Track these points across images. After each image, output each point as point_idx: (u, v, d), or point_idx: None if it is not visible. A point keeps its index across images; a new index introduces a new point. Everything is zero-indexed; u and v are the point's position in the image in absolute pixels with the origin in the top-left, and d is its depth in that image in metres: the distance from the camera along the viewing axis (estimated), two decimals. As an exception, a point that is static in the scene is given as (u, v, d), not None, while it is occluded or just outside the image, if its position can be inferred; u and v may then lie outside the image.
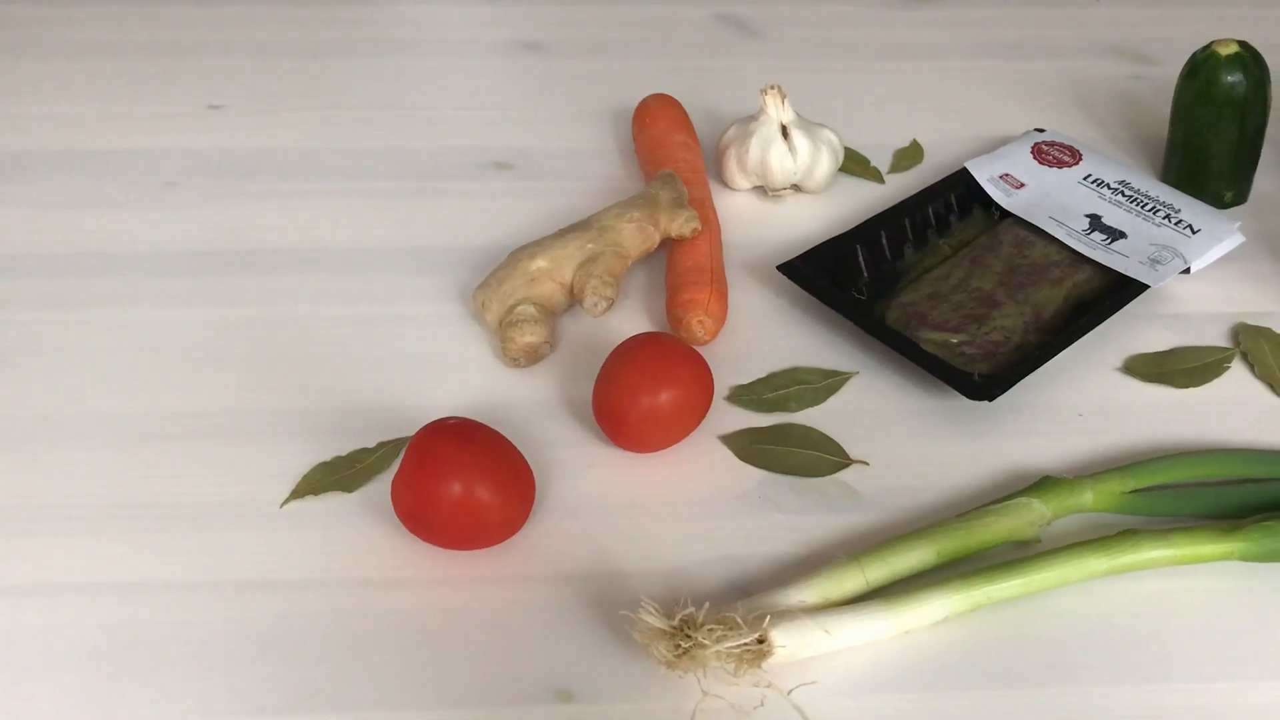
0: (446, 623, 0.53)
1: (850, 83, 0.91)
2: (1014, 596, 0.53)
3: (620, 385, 0.58)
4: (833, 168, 0.77)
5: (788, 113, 0.76)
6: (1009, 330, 0.67)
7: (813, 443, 0.61)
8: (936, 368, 0.63)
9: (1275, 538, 0.54)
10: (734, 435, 0.62)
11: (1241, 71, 0.73)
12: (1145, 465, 0.58)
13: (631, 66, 0.92)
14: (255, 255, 0.73)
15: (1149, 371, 0.66)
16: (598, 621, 0.53)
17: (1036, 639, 0.53)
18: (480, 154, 0.82)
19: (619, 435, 0.59)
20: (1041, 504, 0.56)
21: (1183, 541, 0.54)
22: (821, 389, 0.65)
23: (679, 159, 0.75)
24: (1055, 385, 0.66)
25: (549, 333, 0.64)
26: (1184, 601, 0.55)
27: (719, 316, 0.66)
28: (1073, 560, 0.53)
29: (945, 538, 0.54)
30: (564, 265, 0.65)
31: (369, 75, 0.89)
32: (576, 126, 0.85)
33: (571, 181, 0.80)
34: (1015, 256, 0.72)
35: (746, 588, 0.55)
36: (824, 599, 0.52)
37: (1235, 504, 0.57)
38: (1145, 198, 0.75)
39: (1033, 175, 0.77)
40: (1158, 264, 0.70)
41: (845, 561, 0.53)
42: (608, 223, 0.67)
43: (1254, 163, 0.78)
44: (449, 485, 0.52)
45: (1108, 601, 0.54)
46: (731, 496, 0.59)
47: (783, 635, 0.49)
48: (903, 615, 0.52)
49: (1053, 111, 0.88)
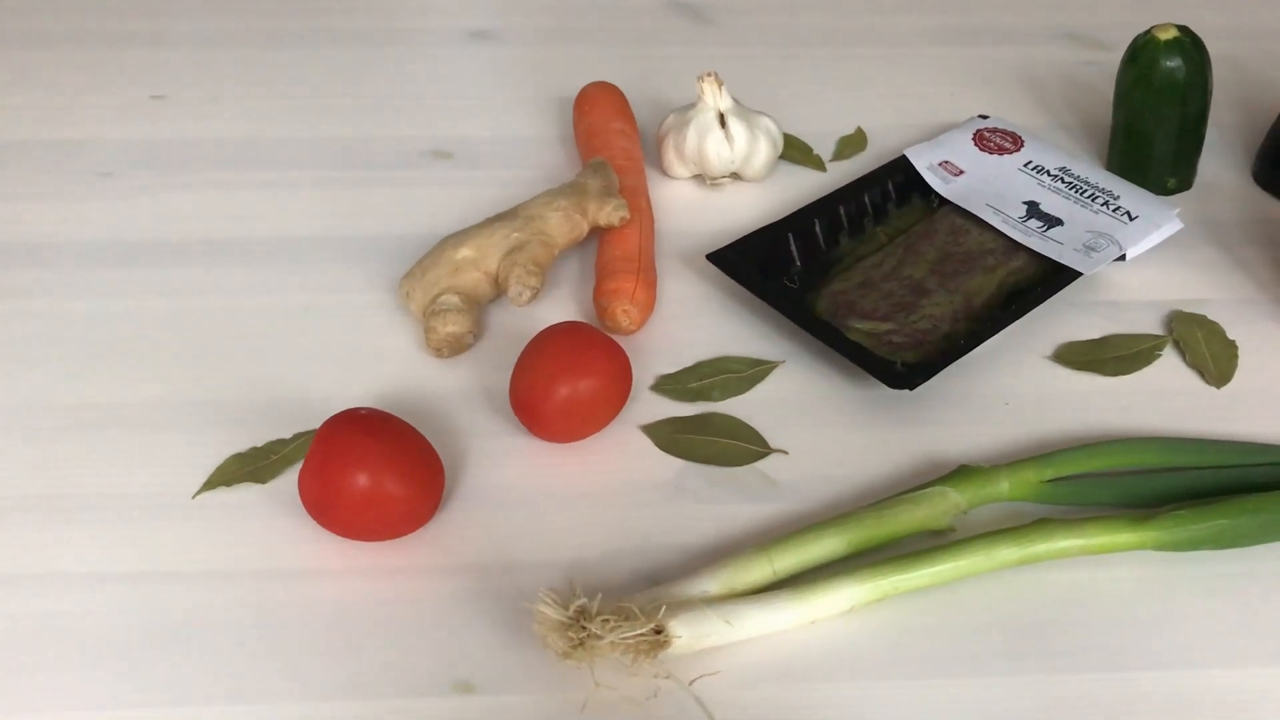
0: (350, 614, 0.53)
1: (800, 70, 0.90)
2: (923, 586, 0.53)
3: (535, 375, 0.57)
4: (771, 156, 0.77)
5: (725, 100, 0.75)
6: (937, 319, 0.66)
7: (733, 432, 0.61)
8: (859, 356, 0.62)
9: (1188, 527, 0.53)
10: (655, 425, 0.62)
11: (1181, 56, 0.73)
12: (1062, 454, 0.57)
13: (582, 54, 0.92)
14: (187, 246, 0.73)
15: (1079, 359, 0.66)
16: (502, 612, 0.53)
17: (946, 629, 0.53)
18: (420, 143, 0.81)
19: (535, 425, 0.58)
20: (956, 493, 0.55)
21: (1095, 531, 0.53)
22: (747, 378, 0.64)
23: (615, 147, 0.74)
24: (983, 374, 0.65)
25: (473, 323, 0.64)
26: (1097, 591, 0.54)
27: (645, 305, 0.65)
28: (983, 550, 0.53)
29: (856, 527, 0.54)
30: (489, 254, 0.65)
31: (314, 64, 0.89)
32: (521, 115, 0.85)
33: (511, 170, 0.79)
34: (950, 244, 0.71)
35: (656, 578, 0.54)
36: (729, 589, 0.52)
37: (1153, 493, 0.56)
38: (1085, 184, 0.74)
39: (973, 162, 0.76)
40: (1093, 251, 0.69)
41: (752, 551, 0.53)
42: (534, 211, 0.66)
43: (1197, 148, 0.77)
44: (353, 477, 0.52)
45: (1020, 591, 0.54)
46: (648, 486, 0.59)
47: (680, 626, 0.48)
48: (808, 605, 0.51)
49: (1002, 98, 0.87)
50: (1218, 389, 0.64)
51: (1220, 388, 0.64)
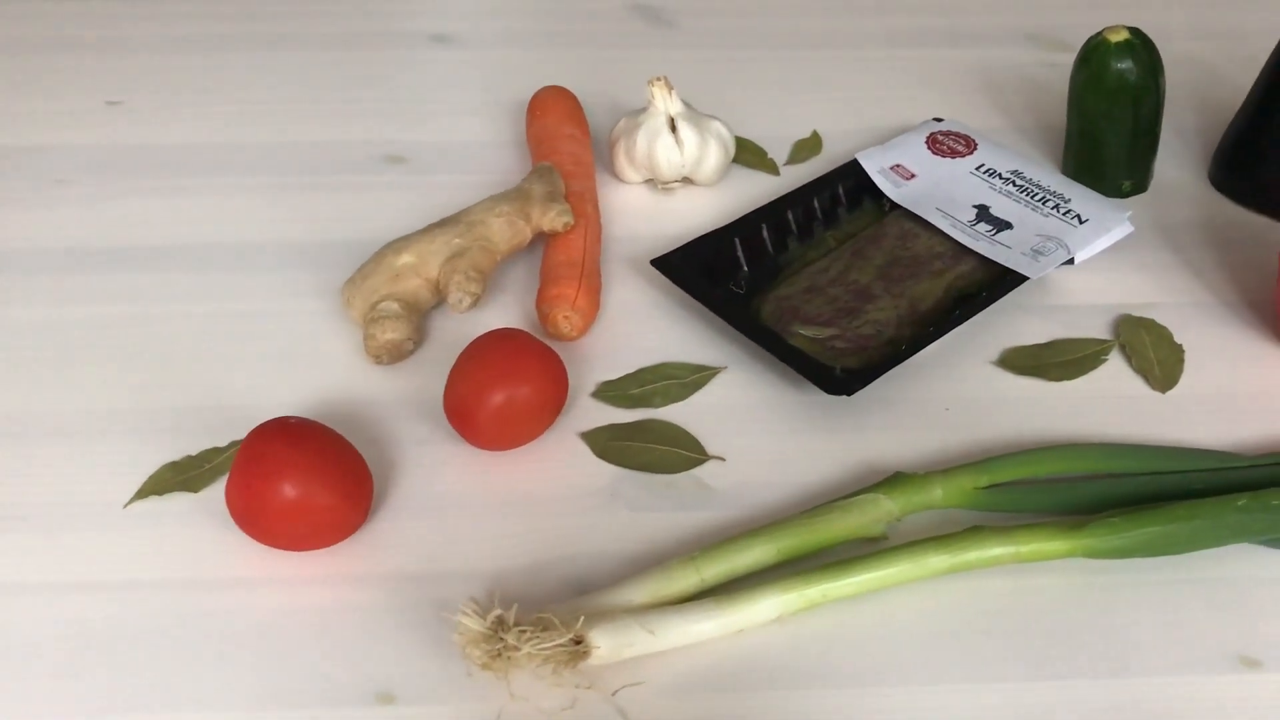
0: (275, 624, 0.52)
1: (760, 72, 0.90)
2: (852, 595, 0.52)
3: (468, 383, 0.57)
4: (722, 160, 0.76)
5: (676, 105, 0.75)
6: (881, 324, 0.66)
7: (670, 438, 0.61)
8: (797, 363, 0.62)
9: (1120, 535, 0.53)
10: (594, 432, 0.61)
11: (1131, 58, 0.72)
12: (998, 461, 0.57)
13: (543, 58, 0.92)
14: (135, 252, 0.73)
15: (1023, 364, 0.65)
16: (427, 622, 0.52)
17: (875, 638, 0.52)
18: (373, 148, 0.81)
19: (469, 433, 0.58)
20: (889, 500, 0.55)
21: (1027, 539, 0.53)
22: (688, 384, 0.64)
23: (564, 152, 0.74)
24: (927, 379, 0.65)
25: (412, 330, 0.64)
26: (1029, 599, 0.54)
27: (587, 312, 0.65)
28: (913, 558, 0.52)
29: (787, 535, 0.54)
30: (430, 261, 0.65)
31: (271, 69, 0.88)
32: (477, 119, 0.85)
33: (464, 175, 0.79)
34: (898, 249, 0.71)
35: (585, 587, 0.54)
36: (655, 598, 0.51)
37: (1090, 500, 0.56)
38: (1036, 188, 0.73)
39: (925, 166, 0.76)
40: (1040, 255, 0.69)
41: (680, 560, 0.52)
42: (476, 217, 0.66)
43: (1152, 150, 0.76)
44: (278, 486, 0.51)
45: (951, 600, 0.54)
46: (583, 494, 0.58)
47: (601, 636, 0.48)
48: (735, 614, 0.51)
49: (961, 100, 0.86)
50: (1162, 394, 0.64)
51: (1165, 392, 0.64)
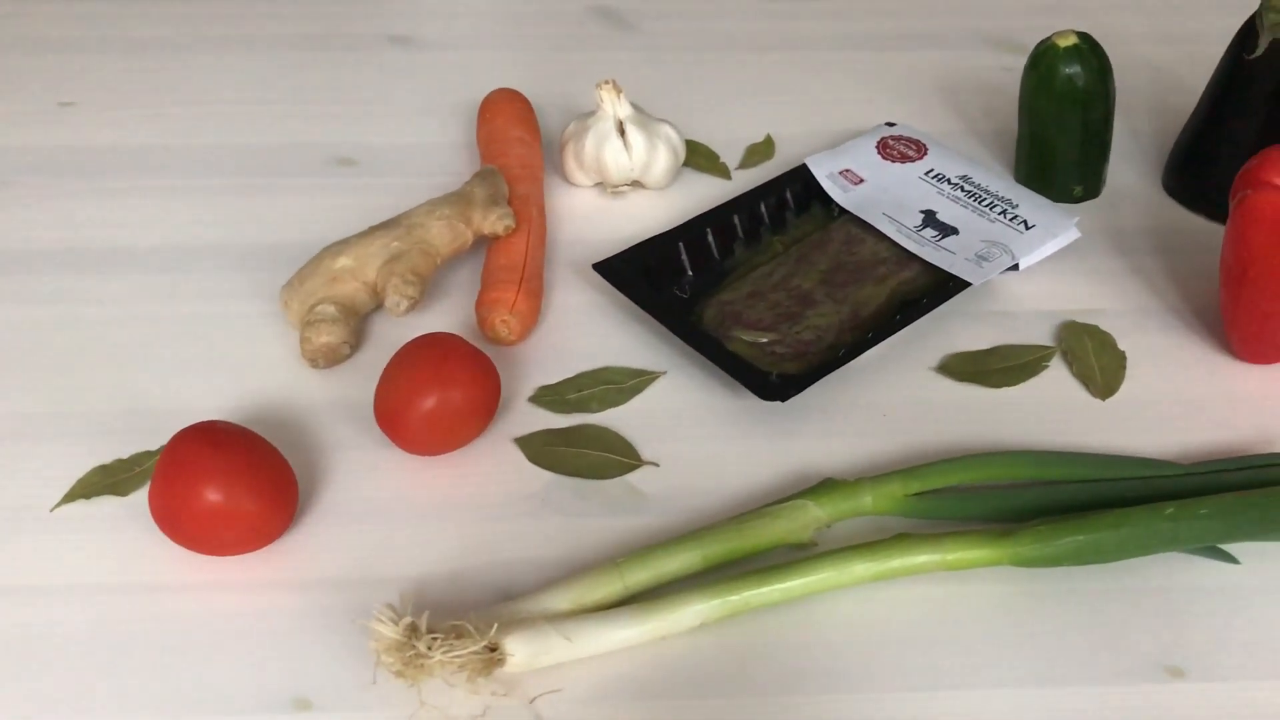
0: (196, 629, 0.52)
1: (718, 75, 0.89)
2: (776, 602, 0.52)
3: (397, 388, 0.57)
4: (672, 164, 0.76)
5: (624, 108, 0.75)
6: (822, 329, 0.66)
7: (605, 444, 0.60)
8: (733, 368, 0.61)
9: (1047, 544, 0.52)
10: (528, 437, 0.61)
11: (1080, 63, 0.72)
12: (928, 468, 0.56)
13: (502, 60, 0.91)
14: (77, 254, 0.72)
15: (964, 371, 0.65)
16: (348, 629, 0.52)
17: (799, 646, 0.52)
18: (324, 150, 0.81)
19: (399, 438, 0.58)
20: (817, 507, 0.55)
21: (953, 547, 0.53)
22: (627, 389, 0.64)
23: (511, 155, 0.73)
24: (867, 385, 0.64)
25: (349, 333, 0.63)
26: (954, 608, 0.53)
27: (527, 316, 0.65)
28: (837, 565, 0.52)
29: (713, 541, 0.53)
30: (368, 264, 0.64)
31: (227, 71, 0.88)
32: (431, 122, 0.84)
33: (414, 178, 0.79)
34: (843, 254, 0.71)
35: (511, 593, 0.54)
36: (578, 605, 0.51)
37: (1021, 507, 0.56)
38: (984, 193, 0.73)
39: (874, 171, 0.76)
40: (984, 261, 0.68)
41: (604, 567, 0.52)
42: (416, 220, 0.66)
43: (1103, 155, 0.76)
44: (199, 491, 0.51)
45: (878, 608, 0.53)
46: (514, 499, 0.58)
47: (517, 643, 0.48)
48: (656, 622, 0.50)
49: (918, 104, 0.86)
50: (1102, 400, 0.63)
51: (1105, 399, 0.63)
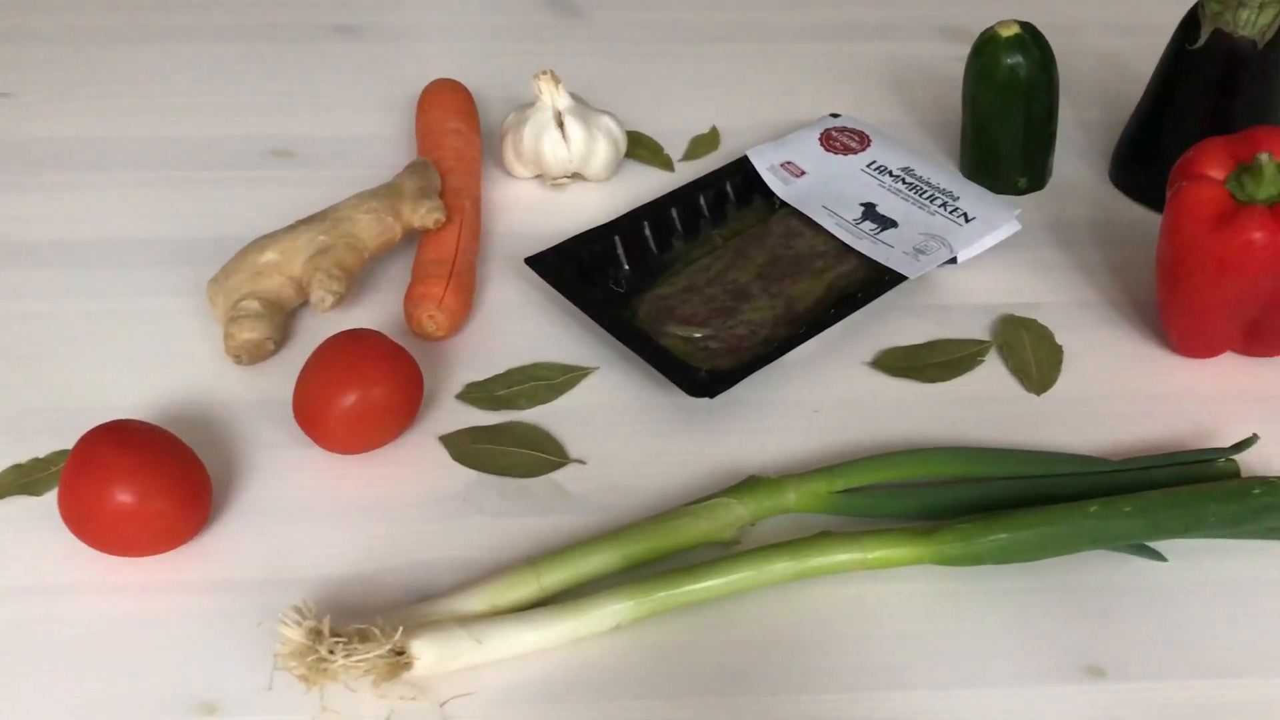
0: (104, 632, 0.51)
1: (669, 65, 0.88)
2: (695, 602, 0.51)
3: (315, 385, 0.56)
4: (612, 156, 0.75)
5: (563, 99, 0.74)
6: (756, 324, 0.65)
7: (532, 441, 0.60)
8: (662, 364, 0.60)
9: (970, 542, 0.52)
10: (454, 435, 0.60)
11: (1021, 53, 0.71)
12: (854, 465, 0.56)
13: (448, 50, 0.90)
14: (5, 249, 0.71)
15: (898, 366, 0.64)
16: (258, 632, 0.51)
17: (718, 646, 0.51)
18: (261, 142, 0.79)
19: (319, 437, 0.57)
20: (740, 505, 0.54)
21: (875, 545, 0.52)
22: (557, 385, 0.63)
23: (447, 147, 0.72)
24: (800, 380, 0.64)
25: (273, 329, 0.62)
26: (878, 607, 0.53)
27: (456, 311, 0.64)
28: (757, 564, 0.51)
29: (633, 541, 0.53)
30: (293, 258, 0.63)
31: (167, 62, 0.87)
32: (373, 113, 0.83)
33: (352, 170, 0.77)
34: (781, 248, 0.70)
35: (428, 595, 0.53)
36: (492, 606, 0.50)
37: (946, 505, 0.55)
38: (926, 185, 0.72)
39: (816, 163, 0.75)
40: (921, 254, 0.67)
41: (519, 567, 0.51)
42: (343, 214, 0.65)
43: (1047, 146, 0.75)
44: (108, 491, 0.50)
45: (799, 607, 0.53)
46: (436, 499, 0.57)
47: (425, 646, 0.47)
48: (571, 622, 0.50)
49: (868, 95, 0.85)
50: (1037, 396, 0.63)
51: (1040, 394, 0.63)
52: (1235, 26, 0.68)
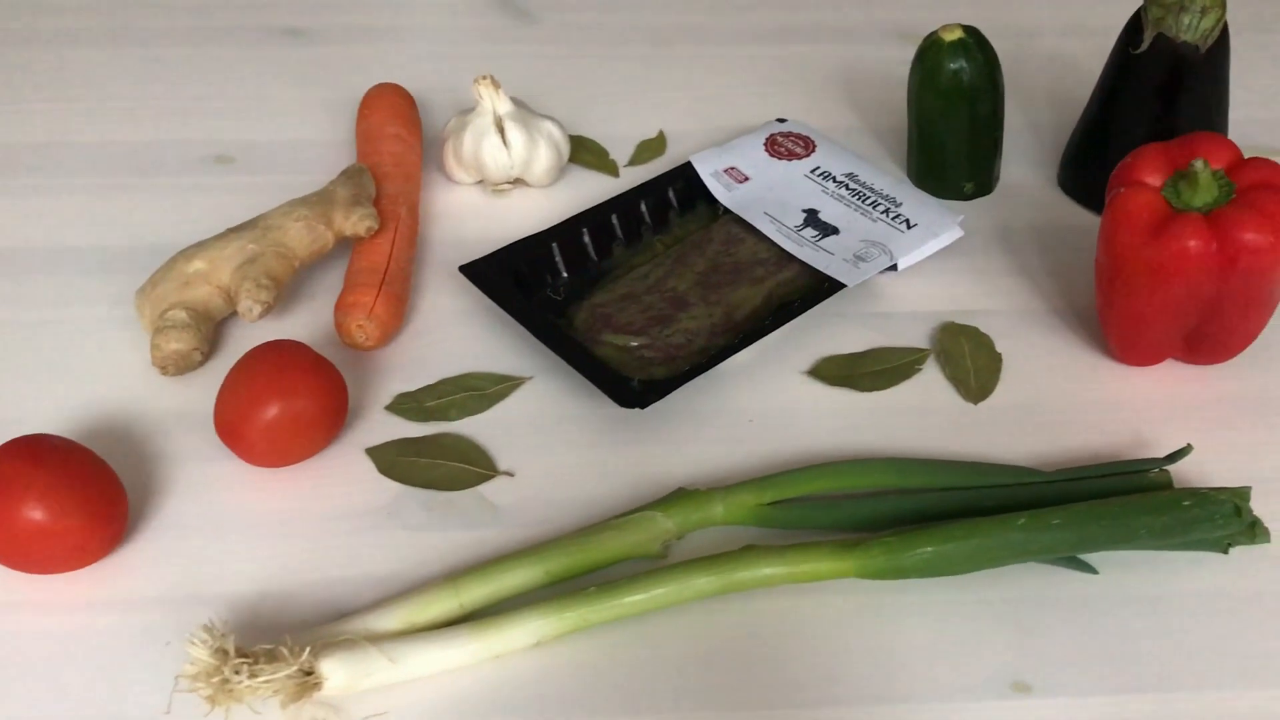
0: (8, 651, 0.50)
1: (619, 69, 0.87)
2: (617, 618, 0.50)
3: (236, 398, 0.55)
4: (554, 162, 0.74)
5: (504, 104, 0.73)
6: (693, 332, 0.64)
7: (460, 454, 0.59)
8: (594, 374, 0.60)
9: (895, 555, 0.51)
10: (381, 447, 0.59)
11: (965, 58, 0.70)
12: (783, 476, 0.55)
13: (397, 52, 0.89)
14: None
15: (835, 374, 0.63)
16: (170, 650, 0.50)
17: (641, 663, 0.51)
18: (203, 147, 0.78)
19: (240, 450, 0.56)
20: (666, 518, 0.53)
21: (801, 558, 0.51)
22: (489, 396, 0.62)
23: (384, 152, 0.71)
24: (737, 390, 0.63)
25: (201, 340, 0.61)
26: (802, 623, 0.52)
27: (387, 321, 0.63)
28: (680, 579, 0.51)
29: (557, 556, 0.52)
30: (222, 267, 0.62)
31: (111, 65, 0.85)
32: (318, 117, 0.82)
33: (293, 176, 0.76)
34: (721, 255, 0.69)
35: (347, 612, 0.52)
36: (409, 624, 0.49)
37: (874, 517, 0.54)
38: (869, 191, 0.72)
39: (760, 168, 0.74)
40: (862, 261, 0.67)
41: (439, 584, 0.50)
42: (274, 222, 0.64)
43: (994, 151, 0.75)
44: (18, 507, 0.49)
45: (725, 622, 0.52)
46: (359, 513, 0.56)
47: (334, 666, 0.46)
48: (490, 640, 0.49)
49: (820, 99, 0.84)
50: (974, 404, 0.62)
51: (977, 403, 0.62)
52: (1178, 31, 0.67)
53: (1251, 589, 0.54)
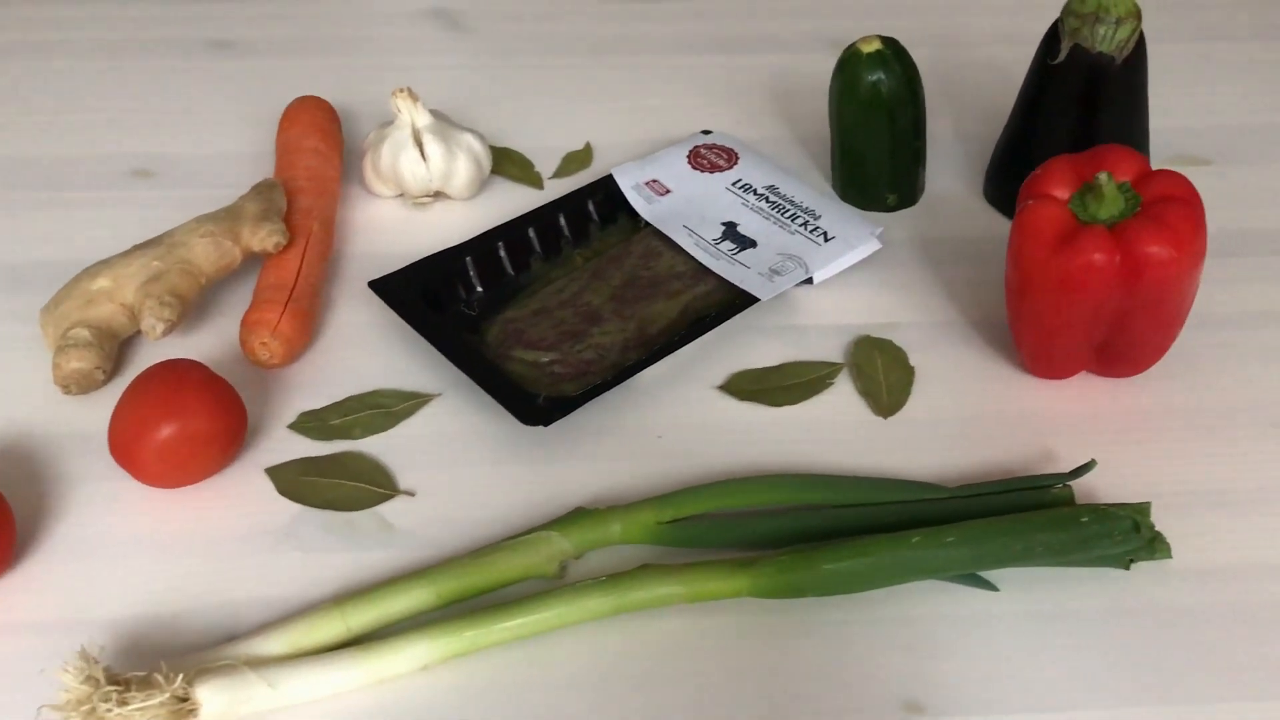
0: (-111, 679, 0.50)
1: (552, 80, 0.87)
2: (507, 640, 0.50)
3: (129, 419, 0.54)
4: (474, 174, 0.73)
5: (422, 116, 0.72)
6: (605, 348, 0.63)
7: (361, 473, 0.58)
8: (499, 391, 0.59)
9: (790, 574, 0.51)
10: (281, 467, 0.58)
11: (883, 70, 0.70)
12: (682, 494, 0.54)
13: (327, 65, 0.88)
14: None
15: (747, 389, 0.63)
16: (46, 678, 0.49)
17: (533, 685, 0.50)
18: (122, 161, 0.78)
19: (134, 471, 0.55)
20: (562, 538, 0.53)
21: (694, 578, 0.51)
22: (396, 413, 0.61)
23: (300, 166, 0.71)
24: (647, 406, 0.62)
25: (103, 358, 0.61)
26: (697, 643, 0.51)
27: (292, 338, 0.62)
28: (572, 600, 0.50)
29: (448, 578, 0.51)
30: (126, 285, 0.62)
31: (32, 78, 0.84)
32: (242, 131, 0.81)
33: (212, 190, 0.76)
34: (639, 268, 0.68)
35: (239, 635, 0.51)
36: (294, 648, 0.49)
37: (773, 535, 0.54)
38: (789, 204, 0.71)
39: (682, 181, 0.73)
40: (777, 275, 0.66)
41: (325, 607, 0.50)
42: (179, 238, 0.63)
43: (915, 163, 0.74)
44: (-105, 532, 0.49)
45: (617, 643, 0.51)
46: (255, 534, 0.55)
47: (210, 692, 0.45)
48: (375, 663, 0.48)
49: (754, 110, 0.84)
50: (884, 419, 0.62)
51: (887, 417, 0.62)
52: (1094, 42, 0.67)
53: (1152, 605, 0.53)
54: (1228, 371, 0.64)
